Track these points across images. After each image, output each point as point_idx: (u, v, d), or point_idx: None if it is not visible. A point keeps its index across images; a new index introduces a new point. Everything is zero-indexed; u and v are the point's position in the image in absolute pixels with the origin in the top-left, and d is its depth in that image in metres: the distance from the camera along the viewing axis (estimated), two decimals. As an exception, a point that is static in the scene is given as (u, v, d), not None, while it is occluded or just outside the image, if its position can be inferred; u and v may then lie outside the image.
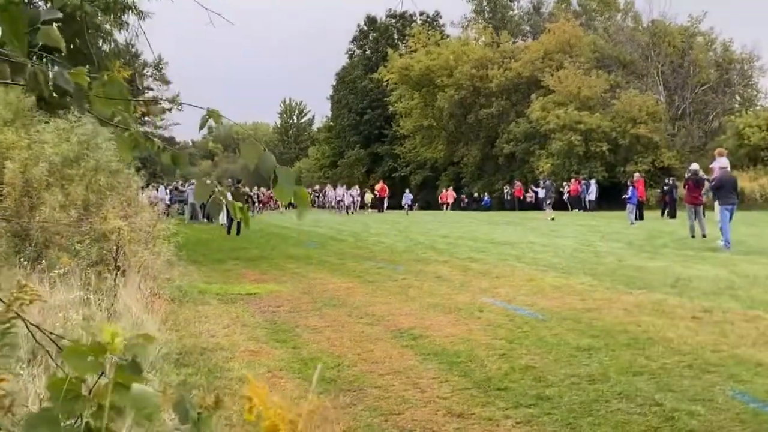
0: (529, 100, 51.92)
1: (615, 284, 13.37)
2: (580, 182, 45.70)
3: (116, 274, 11.28)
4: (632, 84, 50.97)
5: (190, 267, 16.68)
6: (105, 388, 2.07)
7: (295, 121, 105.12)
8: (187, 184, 45.61)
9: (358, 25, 70.71)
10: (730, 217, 18.64)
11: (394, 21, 68.96)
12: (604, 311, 10.74)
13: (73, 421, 2.03)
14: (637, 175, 33.97)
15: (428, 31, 62.83)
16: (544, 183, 40.30)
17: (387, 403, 6.60)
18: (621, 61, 52.89)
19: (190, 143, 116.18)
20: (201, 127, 2.28)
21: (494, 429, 5.99)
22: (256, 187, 52.40)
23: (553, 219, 33.96)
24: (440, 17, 68.90)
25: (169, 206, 34.11)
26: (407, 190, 54.64)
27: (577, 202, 45.15)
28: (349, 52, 71.60)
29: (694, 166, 23.31)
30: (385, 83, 60.46)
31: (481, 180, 55.65)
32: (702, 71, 51.15)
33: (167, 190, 42.88)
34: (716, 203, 19.41)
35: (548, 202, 37.48)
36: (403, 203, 52.66)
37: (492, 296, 12.46)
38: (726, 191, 18.90)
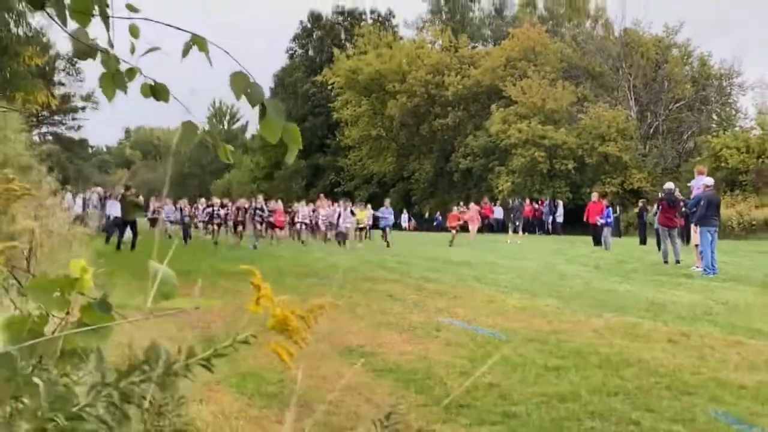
0: (488, 111, 52.39)
1: (583, 307, 13.61)
2: (542, 204, 46.25)
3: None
4: (601, 98, 51.83)
5: (103, 279, 16.54)
6: (70, 329, 2.09)
7: (225, 127, 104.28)
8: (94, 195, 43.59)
9: (301, 22, 70.49)
10: (712, 240, 19.03)
11: (341, 19, 69.17)
12: (573, 333, 10.94)
13: (33, 364, 2.04)
14: (595, 195, 34.23)
15: (380, 31, 63.16)
16: (513, 203, 40.72)
17: (338, 419, 6.67)
18: (590, 72, 53.80)
19: (104, 149, 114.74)
20: (183, 55, 2.32)
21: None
22: (257, 200, 36.57)
23: (519, 243, 34.41)
24: (393, 16, 69.32)
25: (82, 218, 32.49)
26: (386, 202, 39.27)
27: (539, 225, 45.70)
28: (290, 52, 71.43)
29: (669, 185, 23.74)
30: (329, 87, 60.50)
31: (433, 198, 55.90)
32: (677, 86, 52.17)
33: (76, 198, 39.58)
34: (694, 225, 19.82)
35: (518, 224, 38.00)
36: (381, 223, 36.75)
37: (450, 316, 12.61)
38: (711, 212, 19.29)
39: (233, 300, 14.79)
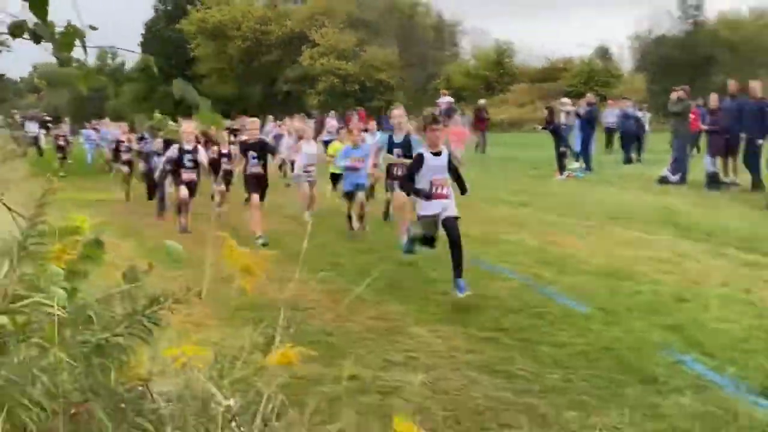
0: (300, 50, 51.29)
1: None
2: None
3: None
4: (375, 41, 51.59)
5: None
6: (77, 258, 2.14)
7: (110, 62, 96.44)
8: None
9: (161, -15, 65.89)
10: None
11: (190, -18, 65.03)
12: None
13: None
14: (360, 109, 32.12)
15: (219, -8, 60.29)
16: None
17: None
18: (367, 22, 53.22)
19: (18, 79, 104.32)
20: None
21: (305, 286, 6.35)
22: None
23: None
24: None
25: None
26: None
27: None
28: (155, 7, 66.70)
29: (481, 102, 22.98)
30: (185, 33, 57.28)
31: (262, 113, 54.20)
32: (424, 32, 52.81)
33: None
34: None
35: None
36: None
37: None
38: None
39: (133, 192, 14.37)
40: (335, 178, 11.32)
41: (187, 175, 10.59)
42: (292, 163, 13.14)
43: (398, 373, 4.82)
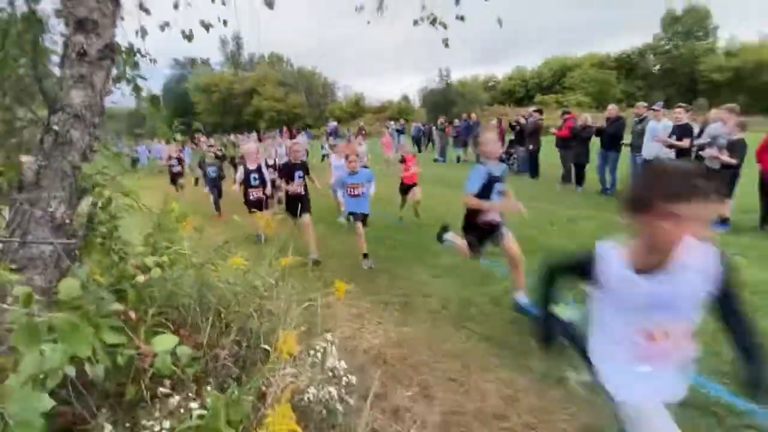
0: (253, 97, 47.41)
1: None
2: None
3: None
4: (293, 92, 48.25)
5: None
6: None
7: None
8: None
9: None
10: None
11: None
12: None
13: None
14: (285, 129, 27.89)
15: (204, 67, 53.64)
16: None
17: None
18: (288, 83, 49.42)
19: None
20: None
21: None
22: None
23: None
24: (209, 61, 57.93)
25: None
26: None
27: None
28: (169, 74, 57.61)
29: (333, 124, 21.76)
30: (188, 89, 50.10)
31: (234, 133, 49.28)
32: (318, 87, 50.23)
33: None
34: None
35: None
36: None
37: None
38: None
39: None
40: None
41: (255, 194, 5.73)
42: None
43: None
